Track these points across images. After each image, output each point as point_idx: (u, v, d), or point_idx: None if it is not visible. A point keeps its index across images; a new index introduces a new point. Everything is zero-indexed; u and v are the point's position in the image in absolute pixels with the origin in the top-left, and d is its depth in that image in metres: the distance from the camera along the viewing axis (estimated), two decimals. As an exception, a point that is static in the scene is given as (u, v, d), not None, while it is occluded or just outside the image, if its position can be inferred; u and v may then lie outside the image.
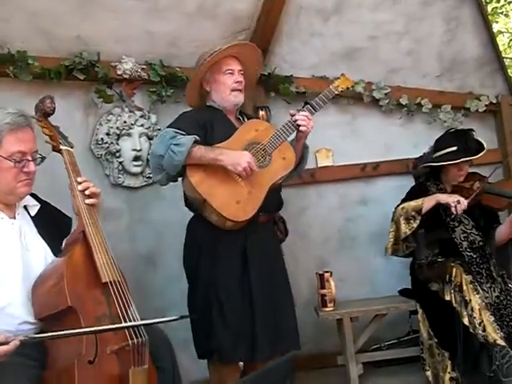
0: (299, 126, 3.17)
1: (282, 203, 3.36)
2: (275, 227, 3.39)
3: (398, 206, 3.85)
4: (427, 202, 3.68)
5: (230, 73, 3.21)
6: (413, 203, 3.73)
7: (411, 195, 3.91)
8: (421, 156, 4.09)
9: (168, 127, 3.08)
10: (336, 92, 3.34)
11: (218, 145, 3.03)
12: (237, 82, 3.21)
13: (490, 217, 3.87)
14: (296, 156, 3.24)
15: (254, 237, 3.10)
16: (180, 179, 3.15)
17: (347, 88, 3.46)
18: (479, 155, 3.77)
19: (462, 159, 3.75)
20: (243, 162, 2.93)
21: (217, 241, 3.06)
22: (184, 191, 3.15)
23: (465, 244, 3.79)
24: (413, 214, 3.70)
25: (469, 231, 3.82)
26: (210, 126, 3.11)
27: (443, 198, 3.66)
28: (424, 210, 3.67)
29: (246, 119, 3.35)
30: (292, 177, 3.40)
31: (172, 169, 2.98)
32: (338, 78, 3.42)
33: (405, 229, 3.72)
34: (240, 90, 3.23)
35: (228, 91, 3.20)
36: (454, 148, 3.80)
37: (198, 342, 3.14)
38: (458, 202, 3.52)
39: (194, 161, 2.94)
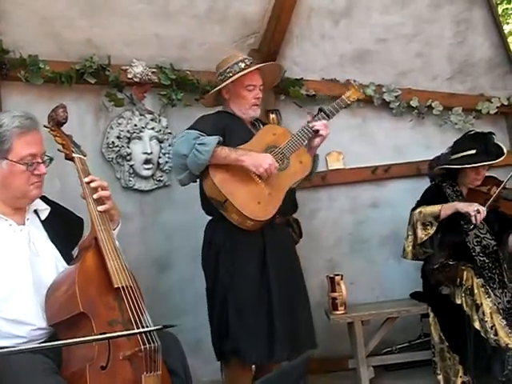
0: (318, 131, 3.24)
1: (297, 206, 3.46)
2: (290, 229, 3.43)
3: (414, 208, 3.81)
4: (445, 210, 3.63)
5: (252, 89, 3.27)
6: (430, 208, 3.69)
7: (427, 198, 3.88)
8: (437, 157, 4.05)
9: (188, 129, 3.14)
10: (349, 102, 3.42)
11: (239, 147, 3.10)
12: (257, 97, 3.28)
13: (505, 222, 3.83)
14: None
15: (272, 238, 3.18)
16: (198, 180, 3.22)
17: (357, 99, 3.53)
18: (499, 160, 3.72)
19: (481, 163, 3.70)
20: (265, 163, 3.01)
21: (235, 242, 3.13)
22: (203, 192, 3.19)
23: (477, 248, 3.76)
24: (430, 219, 3.67)
25: (482, 235, 3.79)
26: (229, 130, 3.18)
27: (462, 206, 3.60)
28: (442, 217, 3.64)
29: (260, 125, 3.42)
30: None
31: (196, 168, 3.05)
32: (348, 89, 3.47)
33: (421, 234, 3.69)
34: (258, 105, 3.31)
35: (248, 106, 3.28)
36: (473, 151, 3.76)
37: (216, 342, 3.20)
38: (477, 212, 3.47)
39: (218, 161, 3.02)
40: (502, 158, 3.74)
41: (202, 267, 3.30)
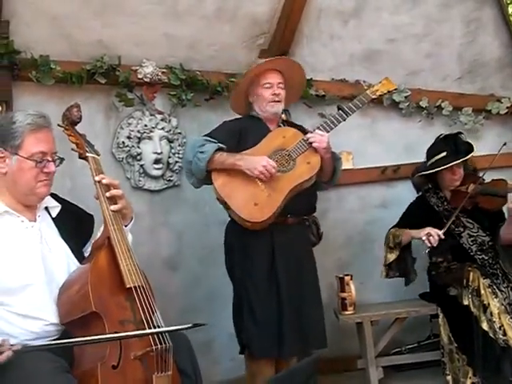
0: (312, 143, 3.29)
1: (314, 208, 3.52)
2: (308, 230, 3.50)
3: (393, 226, 3.95)
4: (404, 237, 3.81)
5: (269, 86, 3.41)
6: (398, 233, 3.86)
7: (409, 213, 4.01)
8: (418, 166, 4.11)
9: (203, 135, 3.34)
10: (373, 96, 3.50)
11: (244, 152, 3.24)
12: (274, 94, 3.40)
13: (494, 215, 3.86)
14: (325, 169, 3.38)
15: (282, 238, 3.28)
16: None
17: (388, 92, 3.60)
18: (468, 157, 3.84)
19: (451, 163, 3.79)
20: (259, 166, 3.13)
21: (246, 242, 3.28)
22: None
23: (474, 248, 3.81)
24: (394, 244, 3.85)
25: (475, 234, 3.83)
26: (245, 133, 3.35)
27: (415, 233, 3.74)
28: (403, 244, 3.82)
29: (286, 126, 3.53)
30: (324, 188, 3.59)
31: (198, 173, 3.24)
32: (380, 82, 3.55)
33: (388, 256, 3.88)
34: (278, 101, 3.42)
35: (265, 103, 3.41)
36: (444, 153, 3.86)
37: (237, 336, 3.36)
38: (428, 235, 3.58)
39: (217, 166, 3.20)
40: (471, 155, 3.84)
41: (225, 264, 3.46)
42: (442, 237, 3.57)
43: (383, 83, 3.54)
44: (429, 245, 3.58)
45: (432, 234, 3.57)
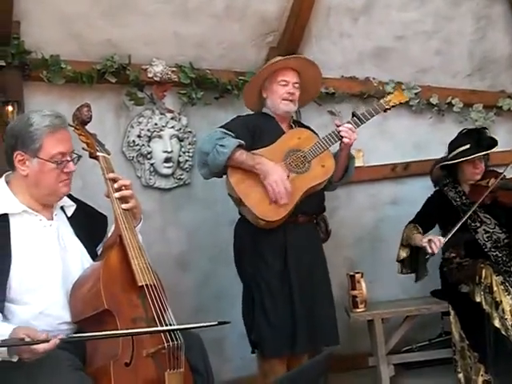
0: (342, 137, 3.31)
1: (323, 207, 3.52)
2: (317, 228, 3.52)
3: (411, 221, 3.95)
4: (413, 240, 3.78)
5: (284, 84, 3.40)
6: (410, 234, 3.84)
7: (426, 208, 4.01)
8: (439, 159, 4.10)
9: (219, 127, 3.32)
10: (387, 107, 3.49)
11: (260, 150, 3.23)
12: (288, 92, 3.40)
13: (510, 212, 3.84)
14: (340, 166, 3.43)
15: (294, 237, 3.28)
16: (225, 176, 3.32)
17: (400, 103, 3.58)
18: (491, 150, 3.82)
19: (474, 155, 3.78)
20: (273, 183, 3.12)
21: (258, 241, 3.27)
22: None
23: (488, 244, 3.78)
24: (406, 243, 3.85)
25: (492, 230, 3.81)
26: (260, 130, 3.35)
27: (418, 241, 3.72)
28: (412, 244, 3.80)
29: (297, 127, 3.53)
30: (336, 186, 3.61)
31: (214, 167, 3.21)
32: (391, 92, 3.54)
33: (401, 253, 3.90)
34: (291, 100, 3.42)
35: (279, 100, 3.41)
36: (467, 146, 3.84)
37: (248, 335, 3.35)
38: (430, 242, 3.58)
39: (235, 164, 3.18)
40: (494, 149, 3.82)
41: (236, 267, 3.45)
42: (443, 244, 3.58)
43: (395, 94, 3.57)
44: (429, 251, 3.58)
45: (434, 241, 3.57)
